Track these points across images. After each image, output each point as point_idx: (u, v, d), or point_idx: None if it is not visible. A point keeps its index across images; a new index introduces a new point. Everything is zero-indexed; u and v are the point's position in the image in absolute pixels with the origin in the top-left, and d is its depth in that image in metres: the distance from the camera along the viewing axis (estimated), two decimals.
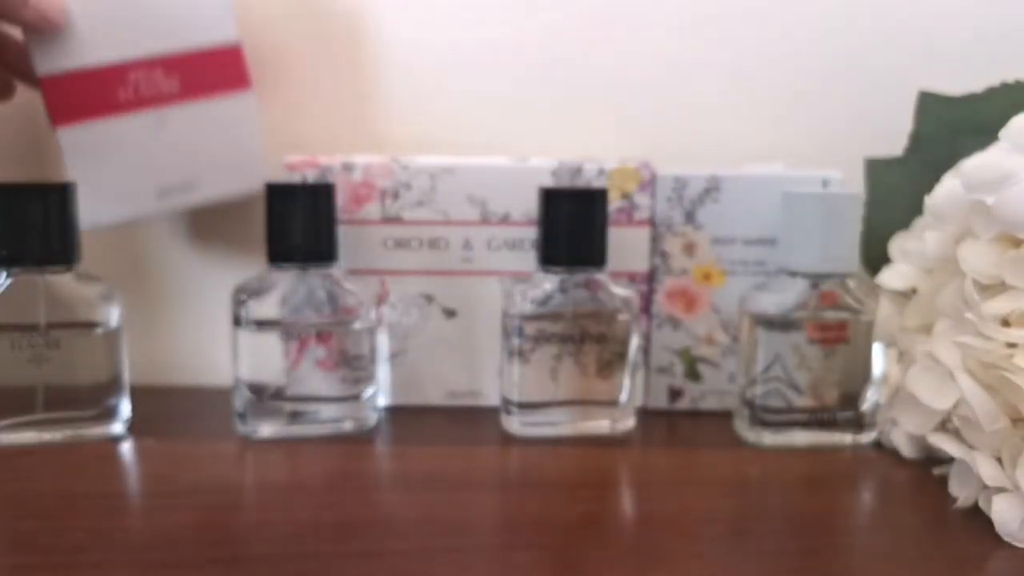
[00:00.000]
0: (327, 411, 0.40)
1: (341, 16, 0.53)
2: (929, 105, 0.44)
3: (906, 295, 0.41)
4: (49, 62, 0.39)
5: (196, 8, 0.40)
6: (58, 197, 0.38)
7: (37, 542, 0.29)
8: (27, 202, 0.37)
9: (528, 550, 0.29)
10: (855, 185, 0.45)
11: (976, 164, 0.34)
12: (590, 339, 0.40)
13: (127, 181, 0.41)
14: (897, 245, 0.42)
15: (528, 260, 0.43)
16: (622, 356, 0.40)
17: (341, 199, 0.42)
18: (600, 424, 0.41)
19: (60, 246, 0.38)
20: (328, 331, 0.40)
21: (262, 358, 0.40)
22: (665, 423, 0.44)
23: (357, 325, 0.40)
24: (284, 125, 0.54)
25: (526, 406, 0.40)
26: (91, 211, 0.40)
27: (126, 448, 0.39)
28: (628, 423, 0.41)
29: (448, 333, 0.44)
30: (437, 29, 0.53)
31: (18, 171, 0.53)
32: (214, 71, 0.41)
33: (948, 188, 0.36)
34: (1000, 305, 0.32)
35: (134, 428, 0.40)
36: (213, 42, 0.40)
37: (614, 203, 0.43)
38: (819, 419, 0.40)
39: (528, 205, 0.43)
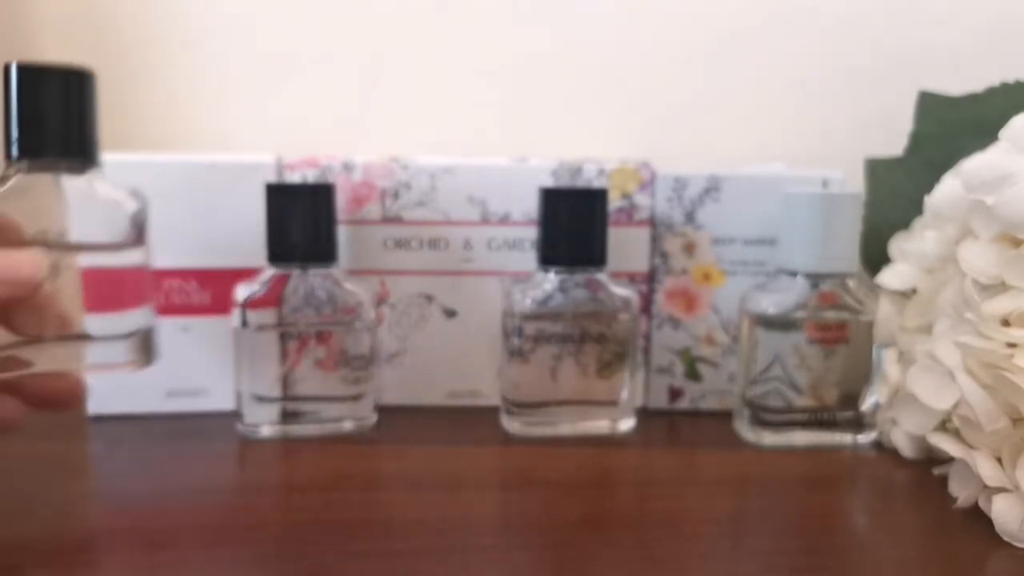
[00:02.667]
0: (327, 411, 0.40)
1: (338, 15, 0.54)
2: (929, 105, 0.44)
3: (906, 295, 0.41)
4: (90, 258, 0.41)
5: (238, 237, 0.42)
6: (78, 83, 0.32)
7: (39, 542, 0.29)
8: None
9: (528, 550, 0.29)
10: (855, 185, 0.45)
11: (976, 164, 0.34)
12: (590, 339, 0.40)
13: (140, 377, 0.41)
14: (897, 245, 0.42)
15: (528, 260, 0.43)
16: (622, 356, 0.40)
17: (341, 199, 0.42)
18: (600, 424, 0.41)
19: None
20: (328, 331, 0.40)
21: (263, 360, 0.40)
22: (665, 423, 0.44)
23: (357, 325, 0.40)
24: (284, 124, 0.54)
25: (526, 406, 0.40)
26: (99, 399, 0.42)
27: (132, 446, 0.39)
28: (628, 423, 0.41)
29: (448, 333, 0.44)
30: (437, 29, 0.53)
31: None
32: None
33: (948, 188, 0.36)
34: (1000, 305, 0.32)
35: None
36: (247, 265, 0.41)
37: (614, 203, 0.43)
38: (819, 419, 0.40)
39: (528, 205, 0.43)
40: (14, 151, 0.31)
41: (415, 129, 0.53)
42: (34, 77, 0.31)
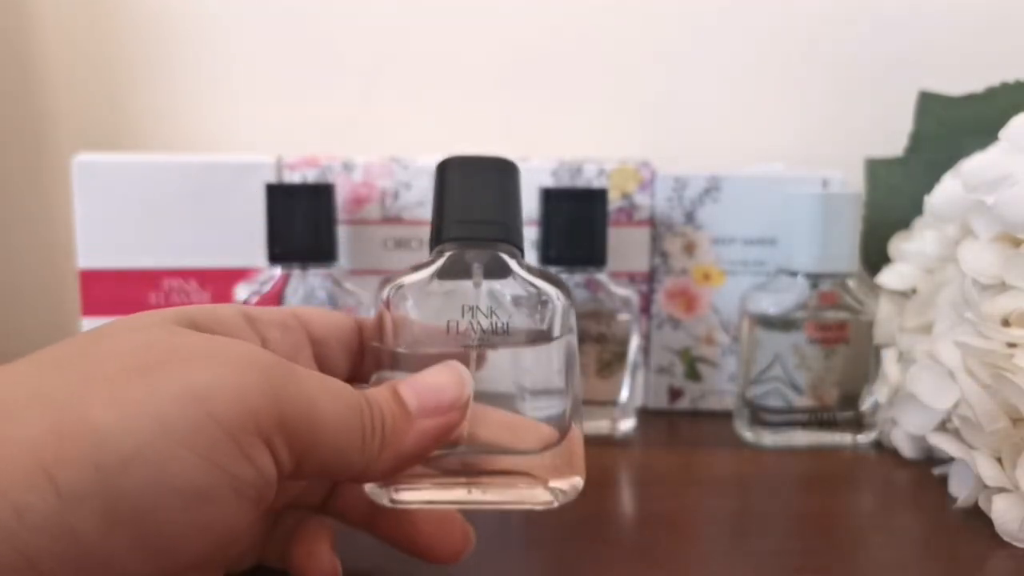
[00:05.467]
0: None
1: (337, 15, 0.53)
2: (929, 105, 0.44)
3: (906, 295, 0.41)
4: (91, 258, 0.41)
5: (238, 237, 0.42)
6: None
7: None
8: None
9: (528, 550, 0.29)
10: (855, 185, 0.45)
11: (976, 164, 0.34)
12: (590, 339, 0.40)
13: None
14: (897, 245, 0.42)
15: (528, 260, 0.43)
16: (622, 356, 0.40)
17: (341, 199, 0.42)
18: (600, 424, 0.41)
19: None
20: None
21: None
22: (665, 423, 0.44)
23: None
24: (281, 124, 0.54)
25: None
26: None
27: None
28: (628, 423, 0.41)
29: None
30: (438, 28, 0.53)
31: (33, 197, 0.53)
32: None
33: (948, 188, 0.36)
34: (1000, 305, 0.32)
35: None
36: (247, 265, 0.42)
37: (614, 203, 0.43)
38: (819, 419, 0.40)
39: (528, 205, 0.43)
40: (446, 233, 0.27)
41: (415, 129, 0.53)
42: (467, 167, 0.29)
